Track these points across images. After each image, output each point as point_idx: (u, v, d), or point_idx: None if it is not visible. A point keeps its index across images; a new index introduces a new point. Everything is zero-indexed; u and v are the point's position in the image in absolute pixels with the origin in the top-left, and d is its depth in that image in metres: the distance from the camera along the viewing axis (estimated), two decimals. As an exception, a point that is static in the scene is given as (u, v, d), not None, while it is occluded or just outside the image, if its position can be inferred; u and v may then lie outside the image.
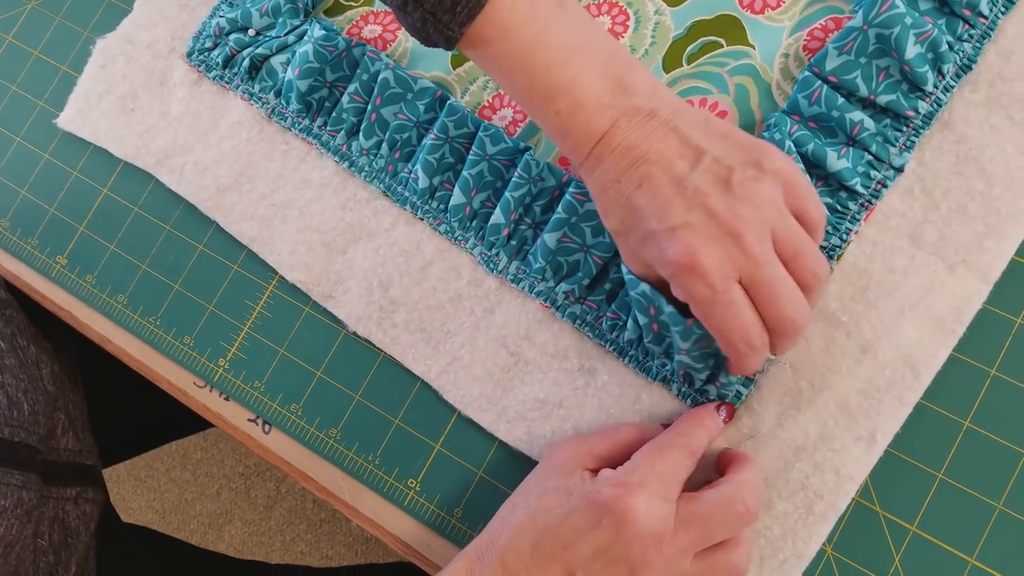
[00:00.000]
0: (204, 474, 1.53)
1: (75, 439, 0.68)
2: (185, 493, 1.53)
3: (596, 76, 0.46)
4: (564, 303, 0.55)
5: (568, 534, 0.45)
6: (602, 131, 0.46)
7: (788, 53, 0.55)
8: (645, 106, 0.46)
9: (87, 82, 0.66)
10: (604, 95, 0.46)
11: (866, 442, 0.49)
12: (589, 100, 0.46)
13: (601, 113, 0.46)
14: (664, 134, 0.46)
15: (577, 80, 0.46)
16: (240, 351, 0.60)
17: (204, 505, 1.52)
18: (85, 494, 0.67)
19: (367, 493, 0.56)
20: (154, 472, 1.55)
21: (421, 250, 0.58)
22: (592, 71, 0.46)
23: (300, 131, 0.61)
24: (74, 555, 0.63)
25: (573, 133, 0.47)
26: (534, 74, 0.46)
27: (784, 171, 0.45)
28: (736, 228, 0.43)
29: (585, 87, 0.46)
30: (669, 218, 0.44)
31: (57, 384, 0.67)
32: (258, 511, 1.49)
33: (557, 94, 0.46)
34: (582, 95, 0.46)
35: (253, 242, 0.60)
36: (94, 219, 0.64)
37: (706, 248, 0.43)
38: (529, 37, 0.46)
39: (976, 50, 0.52)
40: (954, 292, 0.50)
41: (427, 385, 0.56)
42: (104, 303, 0.63)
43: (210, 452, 1.53)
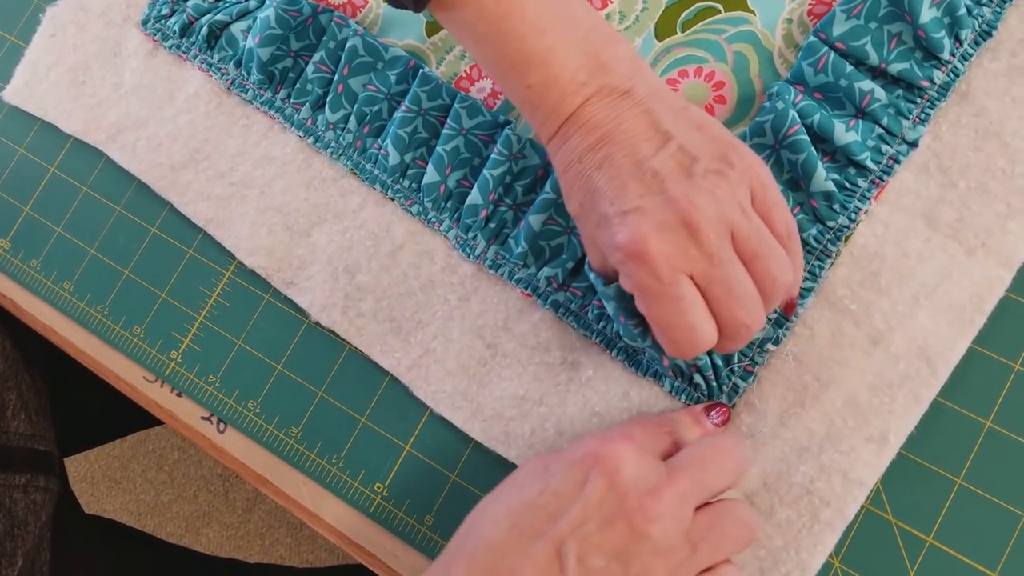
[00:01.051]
0: (181, 475, 1.48)
1: (27, 422, 0.63)
2: (161, 495, 1.48)
3: (574, 51, 0.43)
4: (546, 290, 0.50)
5: (551, 502, 0.40)
6: (573, 108, 0.43)
7: (791, 19, 0.51)
8: (621, 85, 0.43)
9: (35, 53, 0.61)
10: (580, 72, 0.43)
11: (877, 443, 0.45)
12: (563, 76, 0.43)
13: (575, 91, 0.43)
14: (635, 115, 0.42)
15: (553, 53, 0.43)
16: (194, 343, 0.55)
17: (181, 507, 1.47)
18: (36, 482, 0.62)
19: (330, 498, 0.52)
20: (129, 473, 1.50)
21: (391, 233, 0.53)
22: (570, 44, 0.43)
23: (262, 104, 0.56)
24: (20, 547, 0.59)
25: (543, 109, 0.44)
26: (507, 43, 0.43)
27: (754, 171, 0.41)
28: (693, 219, 0.39)
29: (561, 61, 0.43)
30: (622, 201, 0.41)
31: (8, 363, 0.62)
32: (236, 514, 1.44)
33: (531, 67, 0.43)
34: (556, 69, 0.43)
35: (209, 224, 0.56)
36: (40, 200, 0.59)
37: (657, 236, 0.39)
38: (505, 2, 0.43)
39: (996, 15, 0.48)
40: (973, 278, 0.46)
41: (396, 380, 0.52)
42: (49, 290, 0.58)
43: (187, 452, 1.49)
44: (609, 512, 0.39)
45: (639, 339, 0.47)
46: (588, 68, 0.43)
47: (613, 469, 0.40)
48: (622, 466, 0.40)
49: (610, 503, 0.39)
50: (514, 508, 0.40)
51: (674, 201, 0.40)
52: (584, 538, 0.39)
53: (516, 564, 0.38)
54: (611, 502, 0.39)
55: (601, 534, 0.39)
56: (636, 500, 0.39)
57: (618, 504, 0.39)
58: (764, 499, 0.46)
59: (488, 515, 0.41)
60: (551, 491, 0.40)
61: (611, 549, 0.38)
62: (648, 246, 0.39)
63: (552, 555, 0.38)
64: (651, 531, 0.39)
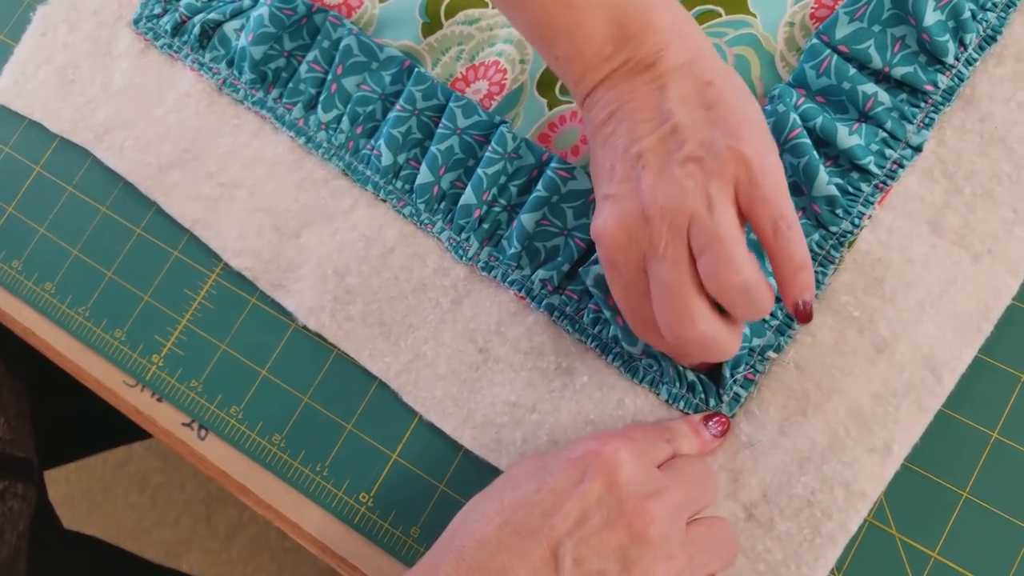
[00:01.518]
0: (163, 499, 1.45)
1: (5, 427, 0.62)
2: (143, 519, 1.45)
3: (600, 23, 0.42)
4: (541, 293, 0.49)
5: (547, 499, 0.38)
6: (592, 85, 0.43)
7: (793, 22, 0.50)
8: (648, 57, 0.41)
9: (25, 51, 0.60)
10: (606, 45, 0.42)
11: (881, 454, 0.43)
12: (588, 49, 0.42)
13: (598, 66, 0.42)
14: (647, 92, 0.41)
15: (579, 27, 0.42)
16: (177, 346, 0.53)
17: (162, 532, 1.44)
18: (13, 489, 0.60)
19: (313, 509, 0.50)
20: (111, 496, 1.47)
21: (383, 235, 0.52)
22: (597, 18, 0.42)
23: (253, 104, 0.55)
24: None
25: (569, 81, 0.44)
26: (534, 13, 0.43)
27: (745, 160, 0.39)
28: (649, 211, 0.39)
29: (586, 35, 0.42)
30: (606, 184, 0.42)
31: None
32: (219, 540, 1.41)
33: (556, 39, 0.43)
34: (581, 43, 0.42)
35: (196, 225, 0.54)
36: (24, 200, 0.58)
37: (616, 223, 0.40)
38: None
39: (1001, 20, 0.47)
40: (980, 286, 0.45)
41: (385, 386, 0.50)
42: (29, 291, 0.56)
43: (171, 476, 1.46)
44: (608, 512, 0.37)
45: (636, 343, 0.45)
46: (615, 40, 0.42)
47: (612, 468, 0.38)
48: (621, 466, 0.38)
49: (609, 504, 0.38)
50: (507, 505, 0.39)
51: (638, 191, 0.40)
52: (582, 539, 0.37)
53: (508, 563, 0.36)
54: (610, 503, 0.38)
55: (600, 536, 0.37)
56: (636, 503, 0.38)
57: (617, 505, 0.37)
58: (764, 511, 0.44)
59: (479, 512, 0.39)
60: (547, 488, 0.38)
61: (611, 552, 0.37)
62: (608, 233, 0.40)
63: (547, 555, 0.37)
64: (652, 535, 0.37)
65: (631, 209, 0.40)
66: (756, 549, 0.44)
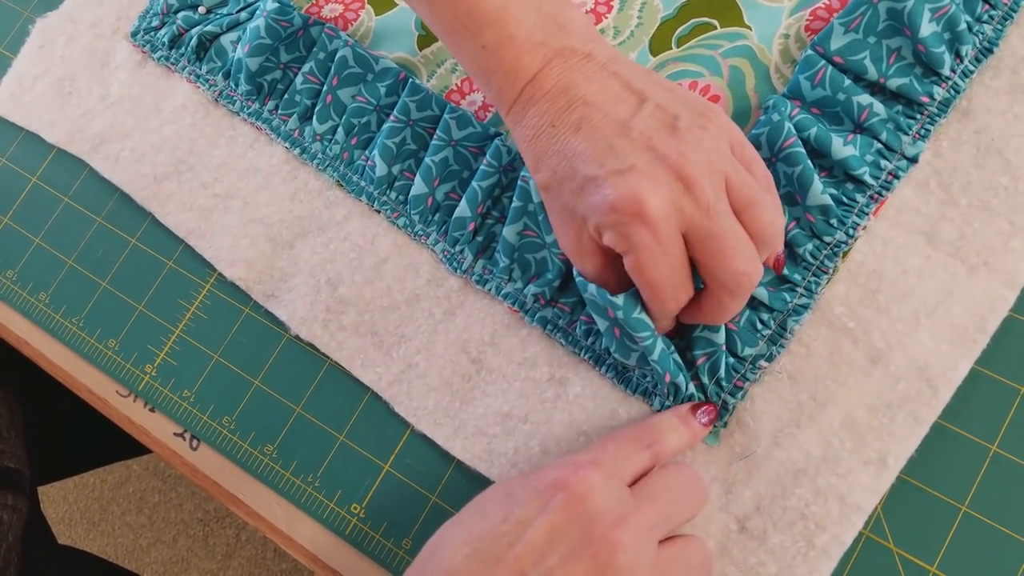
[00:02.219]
0: (161, 519, 1.44)
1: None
2: (140, 539, 1.45)
3: (529, 10, 0.42)
4: (534, 306, 0.48)
5: (512, 530, 0.37)
6: (534, 70, 0.42)
7: (788, 34, 0.50)
8: (582, 48, 0.42)
9: (23, 64, 0.61)
10: (536, 31, 0.42)
11: (876, 466, 0.43)
12: (519, 34, 0.42)
13: (532, 51, 0.42)
14: (604, 76, 0.41)
15: (508, 11, 0.42)
16: (170, 356, 0.53)
17: (159, 552, 1.43)
18: (3, 500, 0.60)
19: (304, 520, 0.49)
20: (108, 515, 1.47)
21: (376, 246, 0.51)
22: (525, 4, 0.42)
23: (249, 115, 0.55)
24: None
25: (499, 71, 0.42)
26: (460, 1, 0.42)
27: (729, 127, 0.41)
28: (688, 173, 0.38)
29: (516, 20, 0.42)
30: (613, 161, 0.39)
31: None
32: (216, 560, 1.40)
33: (484, 24, 0.42)
34: (511, 27, 0.42)
35: (191, 235, 0.54)
36: (20, 210, 0.58)
37: (653, 192, 0.38)
38: None
39: (997, 32, 0.47)
40: (975, 298, 0.44)
41: (377, 397, 0.50)
42: (23, 301, 0.56)
43: (168, 496, 1.45)
44: (575, 541, 0.37)
45: (632, 355, 0.45)
46: (544, 28, 0.42)
47: (578, 498, 0.38)
48: (588, 495, 0.38)
49: (576, 532, 0.37)
50: (475, 535, 0.38)
51: (666, 157, 0.38)
52: (548, 571, 0.36)
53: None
54: (576, 531, 0.37)
55: (565, 567, 0.36)
56: (603, 531, 0.37)
57: (583, 535, 0.37)
58: (757, 523, 0.43)
59: (447, 541, 0.39)
60: (513, 519, 0.38)
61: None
62: (646, 204, 0.38)
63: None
64: (619, 563, 0.36)
65: (664, 175, 0.38)
66: (749, 562, 0.43)
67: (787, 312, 0.45)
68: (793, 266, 0.46)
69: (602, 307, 0.44)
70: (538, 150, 0.42)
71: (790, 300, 0.45)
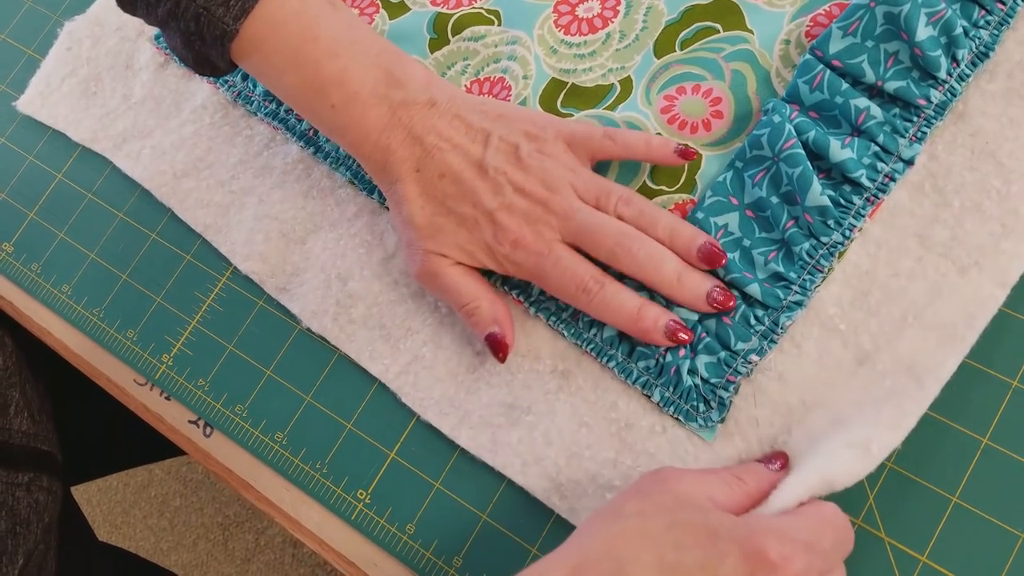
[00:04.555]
0: (182, 523, 1.46)
1: (30, 421, 0.63)
2: (161, 542, 1.46)
3: (368, 68, 0.48)
4: (539, 297, 0.50)
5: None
6: (381, 123, 0.48)
7: (789, 39, 0.51)
8: (421, 97, 0.48)
9: (51, 65, 0.63)
10: (378, 86, 0.48)
11: (859, 449, 0.42)
12: (362, 91, 0.47)
13: (376, 104, 0.48)
14: (449, 120, 0.48)
15: (348, 72, 0.47)
16: (186, 347, 0.55)
17: (179, 555, 1.45)
18: (39, 482, 0.61)
19: (312, 505, 0.51)
20: (130, 519, 1.49)
21: (384, 241, 0.53)
22: (363, 64, 0.48)
23: (265, 115, 0.57)
24: (22, 546, 0.58)
25: (351, 127, 0.48)
26: (305, 69, 0.47)
27: (555, 127, 0.48)
28: (541, 197, 0.46)
29: (357, 78, 0.47)
30: (482, 203, 0.47)
31: (12, 360, 0.62)
32: (235, 564, 1.42)
33: (329, 87, 0.47)
34: (354, 86, 0.47)
35: (208, 230, 0.56)
36: (45, 205, 0.60)
37: (524, 223, 0.46)
38: (299, 31, 0.47)
39: (994, 37, 0.48)
40: (965, 297, 0.45)
41: (383, 387, 0.51)
42: (47, 293, 0.58)
43: (189, 500, 1.47)
44: None
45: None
46: (385, 82, 0.48)
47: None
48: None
49: None
50: (668, 565, 0.36)
51: (522, 188, 0.46)
52: None
53: None
54: None
55: None
56: None
57: None
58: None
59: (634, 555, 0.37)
60: (711, 571, 0.36)
61: None
62: (520, 233, 0.46)
63: None
64: None
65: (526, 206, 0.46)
66: None
67: (781, 309, 0.46)
68: (789, 264, 0.47)
69: None
70: (411, 193, 0.48)
71: (784, 297, 0.46)
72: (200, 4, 0.46)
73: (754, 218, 0.48)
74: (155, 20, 0.48)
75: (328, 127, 0.49)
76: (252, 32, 0.47)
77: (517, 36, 0.55)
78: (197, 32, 0.47)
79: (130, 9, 0.49)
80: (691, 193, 0.50)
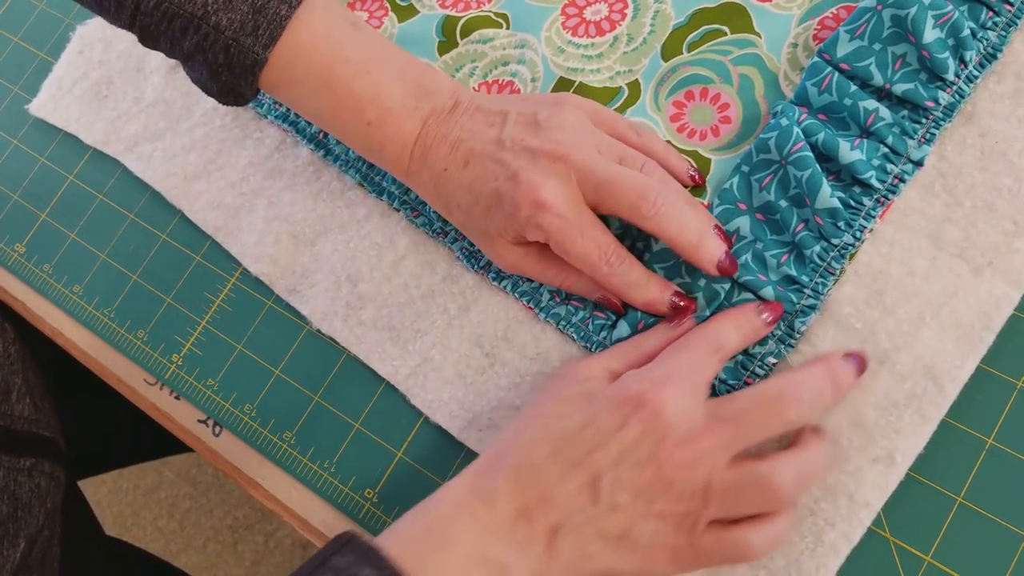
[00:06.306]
0: (192, 525, 1.47)
1: (32, 407, 0.64)
2: (171, 544, 1.47)
3: (398, 83, 0.48)
4: (548, 303, 0.50)
5: (592, 437, 0.42)
6: (415, 133, 0.48)
7: (797, 43, 0.51)
8: (447, 102, 0.48)
9: (63, 68, 0.64)
10: (409, 99, 0.48)
11: (884, 463, 0.43)
12: (395, 105, 0.48)
13: (409, 116, 0.48)
14: (471, 115, 0.48)
15: (381, 88, 0.48)
16: (195, 347, 0.55)
17: (189, 558, 1.45)
18: (41, 467, 0.62)
19: (320, 504, 0.51)
20: (140, 520, 1.49)
21: (394, 244, 0.53)
22: (393, 79, 0.48)
23: (276, 118, 0.57)
24: (24, 530, 0.58)
25: (389, 142, 0.48)
26: (338, 88, 0.48)
27: (582, 103, 0.49)
28: (560, 152, 0.45)
29: (389, 94, 0.48)
30: (503, 171, 0.46)
31: (16, 346, 0.63)
32: (244, 566, 1.42)
33: (364, 105, 0.48)
34: (387, 101, 0.48)
35: (218, 232, 0.56)
36: (57, 207, 0.61)
37: (545, 181, 0.45)
38: (328, 52, 0.47)
39: (1001, 39, 0.48)
40: (980, 297, 0.45)
41: (391, 387, 0.51)
42: (58, 293, 0.59)
43: (199, 502, 1.48)
44: (643, 455, 0.41)
45: None
46: (415, 95, 0.48)
47: (653, 415, 0.41)
48: (662, 412, 0.41)
49: (646, 447, 0.41)
50: (556, 435, 0.43)
51: (539, 149, 0.45)
52: (618, 476, 0.41)
53: (554, 486, 0.41)
54: (647, 446, 0.41)
55: (632, 474, 0.41)
56: (670, 448, 0.41)
57: (653, 448, 0.41)
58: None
59: (529, 436, 0.43)
60: (594, 427, 0.42)
61: (638, 489, 0.41)
62: (540, 193, 0.45)
63: (585, 484, 0.41)
64: (675, 479, 0.41)
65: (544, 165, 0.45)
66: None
67: (795, 312, 0.46)
68: (801, 267, 0.47)
69: None
70: (443, 194, 0.48)
71: (797, 301, 0.46)
72: (229, 36, 0.46)
73: (764, 221, 0.48)
74: (179, 54, 0.48)
75: (365, 145, 0.49)
76: (282, 59, 0.47)
77: (525, 39, 0.55)
78: (226, 64, 0.46)
79: (152, 45, 0.49)
80: (701, 198, 0.50)
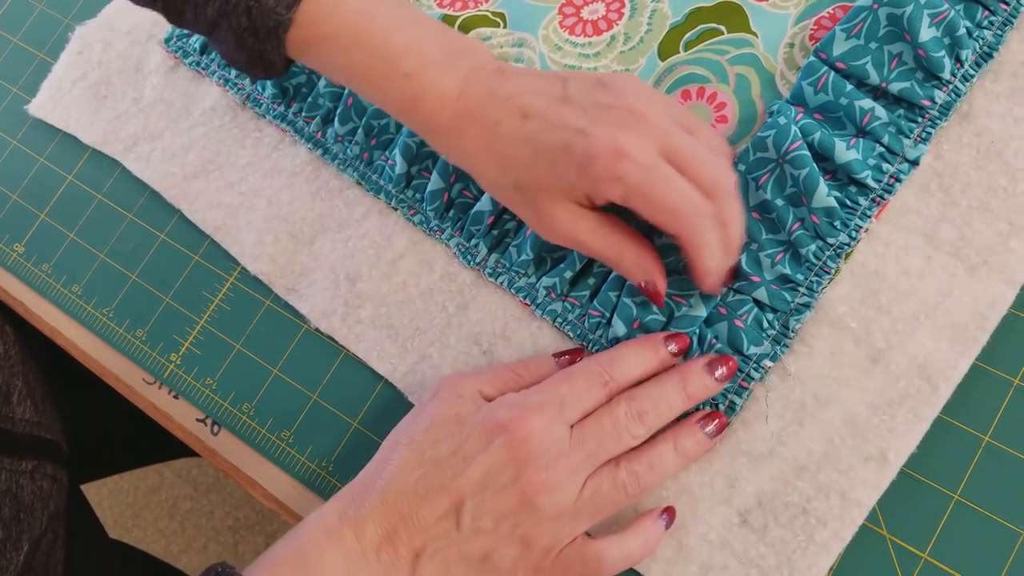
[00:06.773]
0: (192, 526, 1.47)
1: (33, 410, 0.64)
2: (171, 545, 1.47)
3: (435, 42, 0.47)
4: (545, 300, 0.50)
5: (458, 463, 0.43)
6: (458, 87, 0.46)
7: (793, 43, 0.51)
8: (491, 65, 0.47)
9: (62, 68, 0.64)
10: (448, 54, 0.46)
11: (877, 462, 0.44)
12: (435, 58, 0.46)
13: (448, 70, 0.46)
14: (521, 77, 0.46)
15: (420, 42, 0.46)
16: (194, 346, 0.55)
17: (190, 558, 1.45)
18: (43, 469, 0.62)
19: (318, 502, 0.51)
20: (141, 521, 1.49)
21: (392, 242, 0.53)
22: (430, 38, 0.47)
23: (274, 117, 0.57)
24: (27, 532, 0.58)
25: (427, 95, 0.46)
26: (370, 42, 0.46)
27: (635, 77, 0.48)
28: (637, 108, 0.43)
29: (428, 48, 0.46)
30: (573, 122, 0.43)
31: (17, 348, 0.63)
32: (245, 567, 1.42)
33: (402, 56, 0.46)
34: (428, 53, 0.46)
35: (217, 231, 0.56)
36: (56, 207, 0.61)
37: (624, 133, 0.42)
38: (357, 7, 0.46)
39: (997, 38, 0.48)
40: (975, 296, 0.45)
41: (390, 386, 0.51)
42: (57, 293, 0.59)
43: (200, 503, 1.48)
44: (506, 480, 0.42)
45: None
46: (453, 54, 0.46)
47: (517, 442, 0.42)
48: (526, 441, 0.42)
49: (509, 473, 0.42)
50: (426, 459, 0.44)
51: (612, 104, 0.43)
52: (481, 501, 0.42)
53: (420, 510, 0.43)
54: (510, 472, 0.42)
55: (495, 500, 0.42)
56: (532, 474, 0.42)
57: (515, 474, 0.42)
58: (758, 517, 0.44)
59: (399, 460, 0.44)
60: (461, 453, 0.43)
61: (501, 514, 0.42)
62: (623, 142, 0.42)
63: (450, 508, 0.43)
64: (540, 503, 0.42)
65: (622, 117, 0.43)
66: (749, 554, 0.44)
67: (789, 311, 0.46)
68: (796, 266, 0.47)
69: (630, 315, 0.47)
70: (494, 150, 0.45)
71: (791, 300, 0.46)
72: None
73: (760, 220, 0.48)
74: (204, 24, 0.47)
75: (398, 100, 0.47)
76: (308, 17, 0.45)
77: (523, 38, 0.55)
78: (250, 27, 0.45)
79: (177, 17, 0.48)
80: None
